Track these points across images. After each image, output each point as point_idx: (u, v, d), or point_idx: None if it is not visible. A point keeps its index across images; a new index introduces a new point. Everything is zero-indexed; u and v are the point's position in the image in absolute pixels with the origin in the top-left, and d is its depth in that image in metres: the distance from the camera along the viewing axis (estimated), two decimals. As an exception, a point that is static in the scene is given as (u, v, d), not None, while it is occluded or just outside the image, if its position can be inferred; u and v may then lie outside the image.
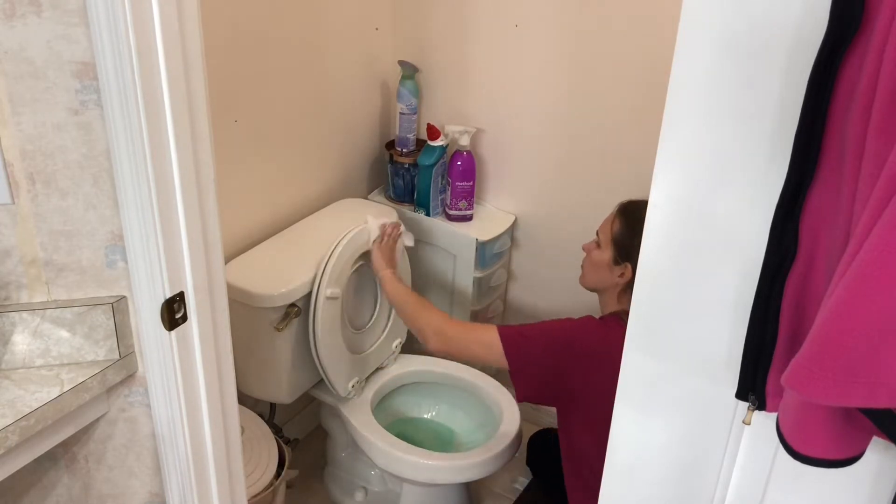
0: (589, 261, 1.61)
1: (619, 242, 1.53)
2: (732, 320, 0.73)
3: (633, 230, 1.51)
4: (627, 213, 1.55)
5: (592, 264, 1.59)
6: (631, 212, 1.54)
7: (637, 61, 1.76)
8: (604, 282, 1.56)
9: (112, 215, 0.96)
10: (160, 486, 1.14)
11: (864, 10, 0.54)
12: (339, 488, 2.02)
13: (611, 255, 1.54)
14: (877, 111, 0.52)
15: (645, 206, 1.63)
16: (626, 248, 1.52)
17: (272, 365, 1.70)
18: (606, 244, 1.55)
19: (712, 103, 0.67)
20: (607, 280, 1.55)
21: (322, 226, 1.87)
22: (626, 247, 1.52)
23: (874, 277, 0.50)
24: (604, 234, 1.57)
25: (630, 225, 1.52)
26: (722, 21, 0.64)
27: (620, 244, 1.53)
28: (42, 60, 0.88)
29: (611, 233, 1.55)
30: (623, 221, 1.54)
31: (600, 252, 1.57)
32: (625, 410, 0.86)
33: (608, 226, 1.57)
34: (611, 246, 1.54)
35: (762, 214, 0.67)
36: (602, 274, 1.56)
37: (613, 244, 1.54)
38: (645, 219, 1.61)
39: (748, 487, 0.80)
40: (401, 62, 1.99)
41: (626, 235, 1.52)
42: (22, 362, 1.00)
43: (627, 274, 1.51)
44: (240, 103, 1.66)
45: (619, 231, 1.54)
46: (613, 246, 1.54)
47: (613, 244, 1.54)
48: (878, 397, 0.53)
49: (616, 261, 1.53)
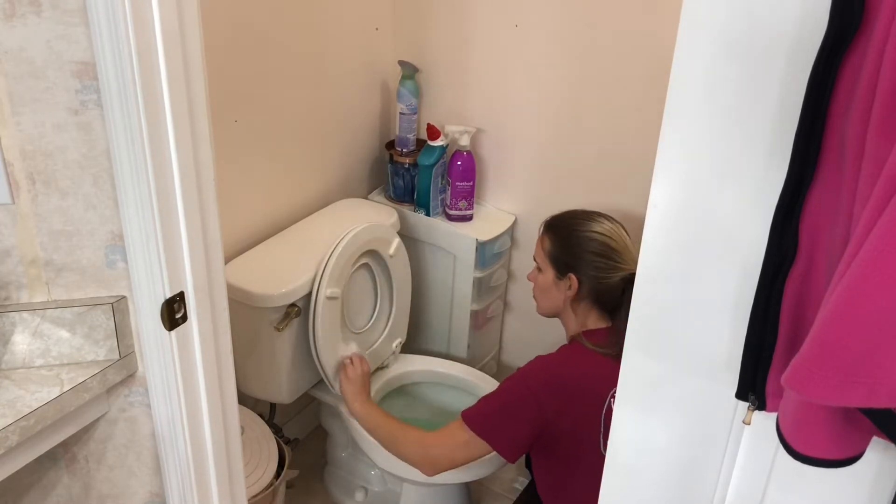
0: (536, 288, 1.63)
1: (555, 257, 1.55)
2: (732, 320, 0.73)
3: (563, 241, 1.55)
4: (552, 227, 1.58)
5: (540, 290, 1.61)
6: (555, 225, 1.58)
7: (637, 61, 1.76)
8: (556, 301, 1.58)
9: (112, 215, 0.96)
10: (160, 486, 1.14)
11: (864, 10, 0.54)
12: (339, 488, 2.02)
13: (553, 273, 1.56)
14: (877, 111, 0.52)
15: (565, 216, 1.71)
16: (562, 260, 1.54)
17: (272, 365, 1.70)
18: (545, 264, 1.58)
19: (712, 103, 0.67)
20: (558, 299, 1.57)
21: (322, 226, 1.87)
22: (563, 258, 1.54)
23: (874, 277, 0.50)
24: (539, 257, 1.60)
25: (559, 237, 1.56)
26: (722, 21, 0.64)
27: (556, 258, 1.55)
28: (42, 60, 0.88)
29: (544, 252, 1.58)
30: (550, 237, 1.57)
31: (543, 275, 1.59)
32: (625, 410, 0.86)
33: (539, 247, 1.60)
34: (549, 264, 1.56)
35: (762, 214, 0.67)
36: (552, 295, 1.58)
37: (551, 261, 1.56)
38: (570, 227, 1.51)
39: (748, 487, 0.80)
40: (401, 62, 1.99)
41: (558, 248, 1.55)
42: (22, 362, 1.00)
43: (574, 284, 1.53)
44: (240, 103, 1.66)
45: (550, 247, 1.57)
46: (551, 263, 1.56)
47: (551, 261, 1.56)
48: (878, 397, 0.53)
49: (559, 275, 1.55)
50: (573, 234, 1.54)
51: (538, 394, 1.41)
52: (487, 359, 2.23)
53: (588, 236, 1.53)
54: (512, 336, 2.27)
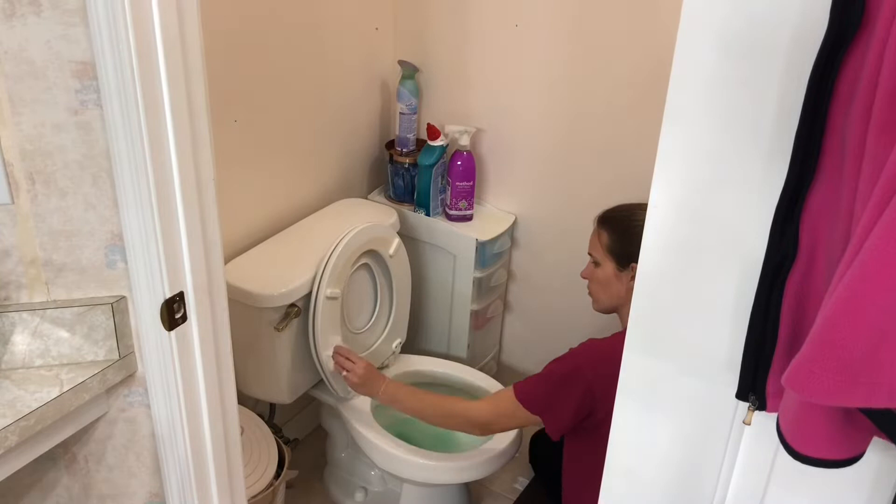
0: (595, 283, 1.60)
1: (615, 249, 1.54)
2: (732, 320, 0.73)
3: (621, 233, 1.53)
4: (608, 220, 1.57)
5: (600, 284, 1.59)
6: (611, 218, 1.57)
7: (637, 61, 1.76)
8: (618, 294, 1.56)
9: (112, 215, 0.96)
10: (160, 486, 1.13)
11: (865, 10, 0.54)
12: (339, 488, 2.02)
13: (612, 265, 1.54)
14: (877, 111, 0.52)
15: (620, 209, 1.66)
16: (623, 251, 1.52)
17: (272, 365, 1.70)
18: (604, 258, 1.56)
19: (712, 103, 0.67)
20: (620, 290, 1.55)
21: (322, 226, 1.87)
22: (624, 249, 1.52)
23: (874, 277, 0.50)
24: (596, 252, 1.58)
25: (617, 229, 1.54)
26: (722, 21, 0.64)
27: (617, 250, 1.53)
28: (42, 60, 0.88)
29: (601, 246, 1.56)
30: (608, 229, 1.56)
31: (602, 269, 1.56)
32: (625, 410, 0.86)
33: (596, 242, 1.58)
34: (608, 257, 1.55)
35: (762, 214, 0.67)
36: (613, 288, 1.56)
37: (610, 254, 1.54)
38: (626, 218, 1.49)
39: (748, 487, 0.80)
40: (401, 62, 1.99)
41: (618, 240, 1.53)
42: (22, 362, 1.00)
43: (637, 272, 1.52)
44: (240, 103, 1.66)
45: (609, 240, 1.55)
46: (611, 256, 1.54)
47: (610, 254, 1.54)
48: (878, 397, 0.53)
49: (620, 267, 1.53)
50: (631, 224, 1.53)
51: (587, 374, 1.43)
52: (487, 359, 2.23)
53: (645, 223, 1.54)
54: (512, 336, 2.27)
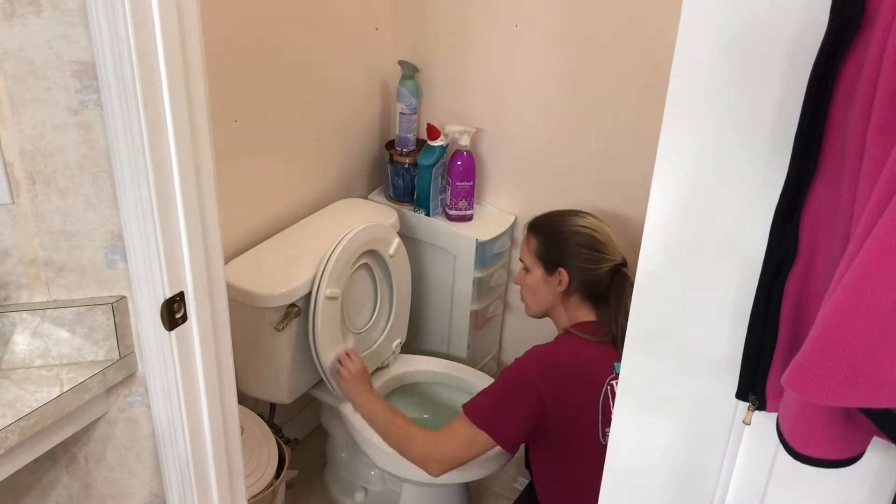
0: (525, 289, 1.63)
1: (543, 255, 1.57)
2: (732, 320, 0.73)
3: (549, 238, 1.57)
4: (537, 227, 1.62)
5: (530, 290, 1.62)
6: (539, 225, 1.61)
7: (637, 61, 1.76)
8: (547, 299, 1.59)
9: (112, 215, 0.96)
10: (160, 486, 1.14)
11: (864, 10, 0.54)
12: (339, 488, 2.02)
13: (541, 271, 1.57)
14: (877, 111, 0.52)
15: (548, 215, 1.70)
16: (551, 256, 1.56)
17: (272, 365, 1.70)
18: (533, 264, 1.59)
19: (712, 103, 0.67)
20: (549, 295, 1.58)
21: (322, 226, 1.87)
22: (551, 255, 1.56)
23: (874, 277, 0.50)
24: (526, 258, 1.61)
25: (545, 235, 1.58)
26: (722, 21, 0.64)
27: (544, 256, 1.57)
28: (42, 60, 0.88)
29: (530, 252, 1.59)
30: (536, 235, 1.59)
31: (531, 274, 1.60)
32: (625, 410, 0.86)
33: (525, 248, 1.61)
34: (537, 263, 1.58)
35: (762, 214, 0.67)
36: (542, 293, 1.59)
37: (539, 260, 1.58)
38: (555, 224, 1.55)
39: (748, 487, 0.80)
40: (401, 62, 1.99)
41: (546, 245, 1.57)
42: (22, 362, 1.00)
43: (564, 278, 1.54)
44: (240, 103, 1.66)
45: (536, 246, 1.58)
46: (539, 261, 1.57)
47: (539, 260, 1.58)
48: (878, 397, 0.53)
49: (548, 272, 1.56)
50: (559, 230, 1.57)
51: (536, 382, 1.42)
52: (487, 359, 2.23)
53: (574, 230, 1.56)
54: (512, 336, 2.26)
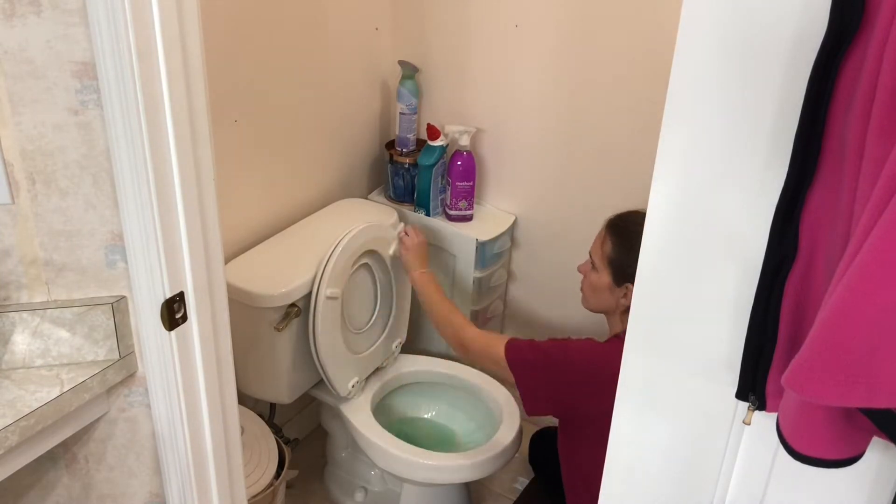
0: (587, 284, 1.54)
1: (615, 263, 1.46)
2: (732, 320, 0.73)
3: (626, 247, 1.45)
4: (617, 229, 1.48)
5: (592, 288, 1.53)
6: (621, 227, 1.47)
7: (637, 61, 1.76)
8: (606, 304, 1.51)
9: (112, 215, 0.96)
10: (160, 486, 1.14)
11: (865, 10, 0.54)
12: (339, 488, 2.02)
13: (609, 277, 1.48)
14: (877, 111, 0.52)
15: (634, 218, 1.55)
16: (623, 267, 1.45)
17: (272, 365, 1.70)
18: (602, 266, 1.49)
19: (712, 103, 0.67)
20: (609, 302, 1.50)
21: (322, 226, 1.87)
22: (624, 266, 1.45)
23: (874, 277, 0.50)
24: (597, 256, 1.51)
25: (622, 242, 1.46)
26: (722, 21, 0.64)
27: (617, 264, 1.46)
28: (42, 60, 0.88)
29: (603, 253, 1.48)
30: (615, 240, 1.47)
31: (598, 275, 1.50)
32: (625, 410, 0.86)
33: (599, 246, 1.51)
34: (607, 268, 1.48)
35: (762, 214, 0.67)
36: (603, 297, 1.51)
37: (609, 266, 1.47)
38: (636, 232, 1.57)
39: (748, 487, 0.80)
40: (401, 62, 1.99)
41: (621, 254, 1.45)
42: (22, 362, 1.00)
43: (630, 295, 1.42)
44: (240, 103, 1.66)
45: (612, 251, 1.47)
46: (610, 267, 1.47)
47: (609, 266, 1.47)
48: (878, 397, 0.53)
49: (616, 282, 1.47)
50: (639, 245, 1.49)
51: (577, 372, 1.42)
52: (487, 359, 2.23)
53: None
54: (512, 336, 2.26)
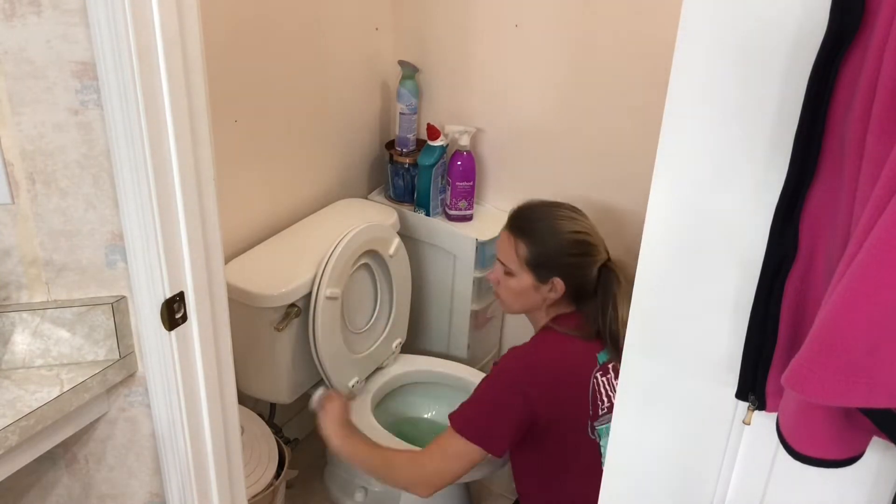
0: (506, 290, 1.50)
1: (534, 262, 1.44)
2: (732, 320, 0.73)
3: (538, 242, 1.44)
4: (522, 229, 1.46)
5: (513, 293, 1.49)
6: (523, 226, 1.46)
7: (637, 61, 1.76)
8: (532, 303, 1.49)
9: (112, 215, 0.96)
10: (160, 486, 1.14)
11: (865, 10, 0.54)
12: (339, 488, 2.02)
13: (531, 278, 1.45)
14: (877, 111, 0.52)
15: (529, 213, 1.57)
16: (543, 263, 1.43)
17: (272, 365, 1.70)
18: (520, 269, 1.45)
19: (712, 103, 0.67)
20: (536, 300, 1.47)
21: (322, 226, 1.87)
22: (543, 262, 1.43)
23: (874, 277, 0.50)
24: (510, 262, 1.47)
25: (532, 239, 1.44)
26: (722, 21, 0.64)
27: (536, 263, 1.44)
28: (42, 60, 0.88)
29: (518, 258, 1.45)
30: (525, 240, 1.45)
31: (517, 279, 1.46)
32: (624, 411, 0.86)
33: (510, 251, 1.47)
34: (526, 269, 1.45)
35: (762, 214, 0.67)
36: (529, 297, 1.47)
37: (528, 266, 1.44)
38: (538, 221, 1.37)
39: (748, 487, 0.80)
40: (401, 62, 1.99)
41: (537, 250, 1.44)
42: (22, 362, 1.00)
43: (558, 286, 1.43)
44: (240, 103, 1.66)
45: (527, 252, 1.44)
46: (529, 268, 1.45)
47: (528, 266, 1.44)
48: (878, 397, 0.53)
49: (540, 280, 1.44)
50: (553, 238, 1.44)
51: (522, 385, 1.36)
52: (487, 359, 2.23)
53: (568, 238, 1.44)
54: (512, 336, 2.26)
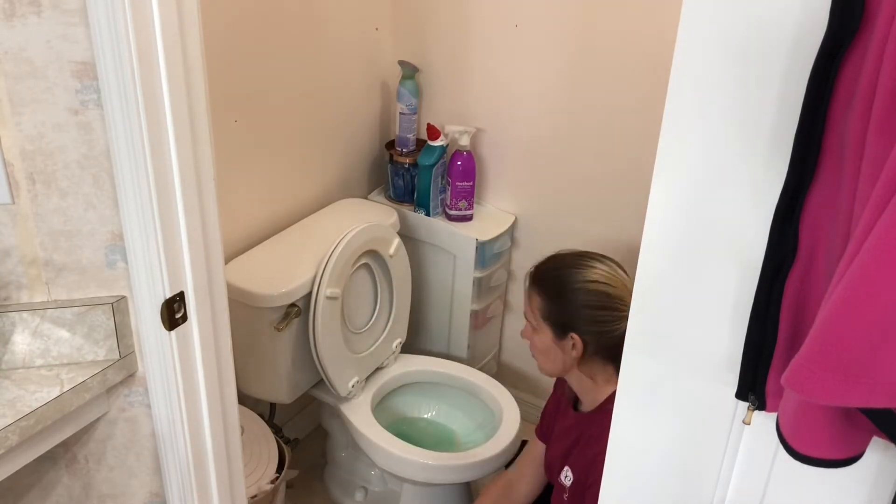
0: (535, 348, 1.43)
1: (550, 316, 1.37)
2: (732, 320, 0.73)
3: (554, 298, 1.37)
4: (539, 282, 1.40)
5: (540, 351, 1.42)
6: (542, 280, 1.40)
7: (637, 61, 1.76)
8: (561, 363, 1.39)
9: (112, 215, 0.96)
10: (160, 486, 1.14)
11: (864, 10, 0.54)
12: (339, 488, 2.02)
13: (550, 333, 1.37)
14: (877, 111, 0.52)
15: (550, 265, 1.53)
16: (559, 319, 1.36)
17: (272, 365, 1.70)
18: (539, 324, 1.39)
19: (712, 103, 0.67)
20: (563, 360, 1.38)
21: (322, 226, 1.87)
22: (559, 318, 1.36)
23: (874, 277, 0.50)
24: (531, 315, 1.42)
25: (547, 292, 1.38)
26: (722, 21, 0.64)
27: (551, 318, 1.37)
28: (42, 60, 0.88)
29: (534, 311, 1.40)
30: (540, 292, 1.39)
31: (539, 335, 1.40)
32: (624, 411, 0.86)
33: (529, 305, 1.42)
34: (544, 324, 1.38)
35: (762, 215, 0.67)
36: (554, 356, 1.39)
37: (546, 321, 1.38)
38: (559, 279, 1.35)
39: (748, 487, 0.80)
40: (401, 62, 1.99)
41: (551, 306, 1.37)
42: (22, 362, 1.00)
43: (578, 344, 1.33)
44: (240, 103, 1.66)
45: (541, 304, 1.38)
46: (547, 323, 1.38)
47: (546, 321, 1.38)
48: (878, 397, 0.53)
49: (558, 336, 1.36)
50: (565, 289, 1.35)
51: None
52: (487, 359, 2.23)
53: (583, 288, 1.34)
54: (512, 336, 2.26)
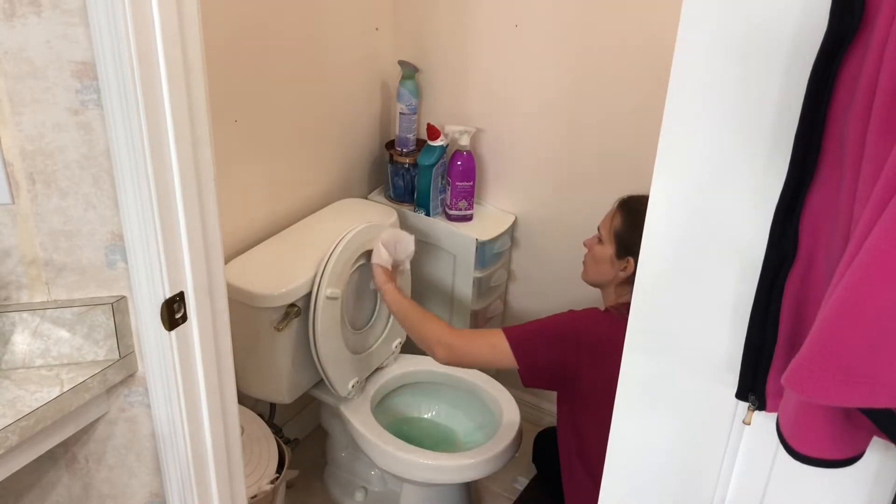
0: (591, 256, 1.63)
1: (621, 237, 1.55)
2: (732, 320, 0.73)
3: (633, 224, 1.53)
4: (628, 207, 1.56)
5: (594, 260, 1.61)
6: (631, 206, 1.56)
7: (637, 61, 1.76)
8: (605, 276, 1.59)
9: (112, 215, 0.96)
10: (160, 486, 1.14)
11: (865, 10, 0.54)
12: (339, 488, 2.02)
13: (613, 250, 1.56)
14: (877, 111, 0.52)
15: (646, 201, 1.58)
16: (627, 242, 1.54)
17: (272, 365, 1.70)
18: (608, 239, 1.57)
19: (712, 103, 0.67)
20: (609, 274, 1.58)
21: (322, 226, 1.87)
22: (628, 241, 1.54)
23: (874, 277, 0.50)
24: (605, 230, 1.59)
25: (631, 219, 1.54)
26: (722, 21, 0.64)
27: (622, 239, 1.55)
28: (42, 60, 0.88)
29: (611, 228, 1.57)
30: (624, 216, 1.56)
31: (602, 248, 1.59)
32: (624, 411, 0.86)
33: (609, 221, 1.59)
34: (613, 241, 1.56)
35: (762, 214, 0.67)
36: (604, 269, 1.58)
37: (615, 239, 1.56)
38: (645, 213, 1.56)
39: (748, 487, 0.80)
40: (401, 62, 1.99)
41: (628, 230, 1.54)
42: (22, 362, 1.00)
43: (630, 268, 1.53)
44: (240, 103, 1.66)
45: (620, 226, 1.55)
46: (615, 241, 1.56)
47: (615, 239, 1.56)
48: (878, 397, 0.53)
49: (618, 255, 1.55)
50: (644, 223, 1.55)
51: (580, 335, 1.45)
52: (487, 359, 2.23)
53: None
54: (512, 336, 2.26)
